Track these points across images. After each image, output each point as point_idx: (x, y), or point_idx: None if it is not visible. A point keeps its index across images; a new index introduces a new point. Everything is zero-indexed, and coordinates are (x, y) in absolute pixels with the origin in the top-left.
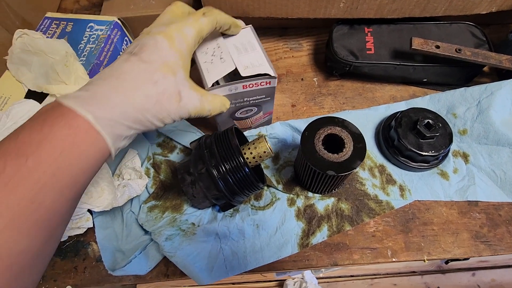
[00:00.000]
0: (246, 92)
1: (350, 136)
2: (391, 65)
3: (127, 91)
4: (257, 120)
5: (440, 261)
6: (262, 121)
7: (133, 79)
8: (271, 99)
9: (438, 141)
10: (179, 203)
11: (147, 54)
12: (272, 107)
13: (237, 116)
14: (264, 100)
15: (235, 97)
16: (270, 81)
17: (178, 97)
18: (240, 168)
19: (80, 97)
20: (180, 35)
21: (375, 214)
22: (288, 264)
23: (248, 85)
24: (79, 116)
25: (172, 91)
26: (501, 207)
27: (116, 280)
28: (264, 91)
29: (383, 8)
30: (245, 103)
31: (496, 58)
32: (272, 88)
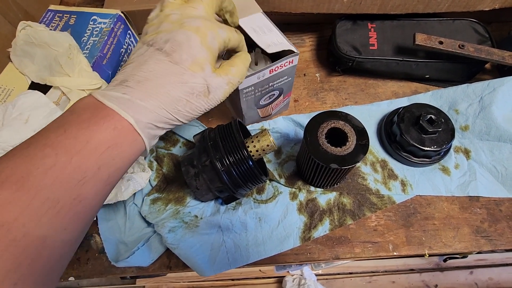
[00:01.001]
0: (272, 77)
1: (353, 130)
2: (394, 60)
3: (160, 96)
4: (277, 105)
5: (438, 259)
6: (281, 106)
7: (165, 83)
8: (292, 78)
9: (440, 136)
10: (182, 195)
11: (178, 55)
12: (291, 87)
13: (262, 103)
14: (287, 81)
15: (261, 84)
16: (292, 59)
17: (207, 92)
18: (244, 161)
19: (121, 99)
20: (212, 33)
21: (377, 209)
22: (290, 257)
23: (274, 69)
24: (123, 119)
25: (201, 88)
26: (502, 202)
27: (119, 272)
28: (287, 71)
29: (386, 3)
30: (269, 88)
31: (499, 55)
32: (294, 66)
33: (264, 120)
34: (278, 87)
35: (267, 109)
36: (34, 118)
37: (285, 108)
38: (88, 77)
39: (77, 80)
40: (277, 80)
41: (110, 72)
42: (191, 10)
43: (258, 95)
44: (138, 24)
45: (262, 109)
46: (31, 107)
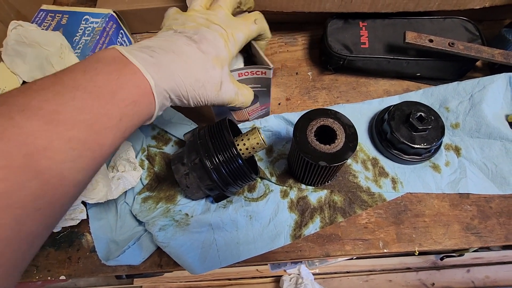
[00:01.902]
0: (243, 80)
1: (343, 127)
2: (385, 59)
3: (183, 70)
4: (254, 111)
5: (435, 257)
6: (259, 113)
7: (190, 62)
8: (267, 91)
9: (430, 134)
10: (172, 194)
11: (205, 46)
12: (269, 100)
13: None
14: (260, 90)
15: None
16: (265, 71)
17: (219, 87)
18: (233, 159)
19: (147, 60)
20: (233, 39)
21: (368, 206)
22: (281, 255)
23: (244, 73)
24: (145, 79)
25: (217, 81)
26: (492, 199)
27: (110, 271)
28: (260, 80)
29: (377, 2)
30: None
31: (489, 52)
32: (268, 79)
33: (240, 122)
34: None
35: (243, 113)
36: None
37: (266, 115)
38: None
39: None
40: (249, 85)
41: None
42: (214, 17)
43: None
44: (131, 24)
45: (237, 113)
46: None
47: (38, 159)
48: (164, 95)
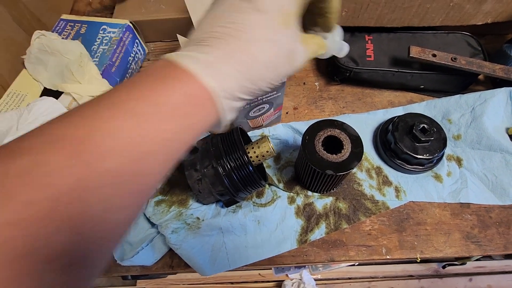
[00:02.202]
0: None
1: (349, 138)
2: (390, 71)
3: (246, 59)
4: (268, 117)
5: (437, 266)
6: (272, 118)
7: (251, 40)
8: (281, 94)
9: (432, 145)
10: (185, 198)
11: (261, 1)
12: (282, 102)
13: (251, 115)
14: (277, 96)
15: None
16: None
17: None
18: (244, 166)
19: (199, 60)
20: None
21: (371, 214)
22: (287, 259)
23: None
24: (198, 84)
25: (286, 51)
26: (492, 209)
27: (124, 270)
28: (278, 87)
29: (383, 17)
30: (258, 101)
31: (490, 67)
32: (283, 83)
33: (254, 129)
34: (268, 101)
35: (258, 120)
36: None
37: (277, 120)
38: (97, 84)
39: (87, 87)
40: (266, 95)
41: (119, 79)
42: None
43: (247, 107)
44: (145, 33)
45: (252, 120)
46: (45, 113)
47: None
48: (229, 97)
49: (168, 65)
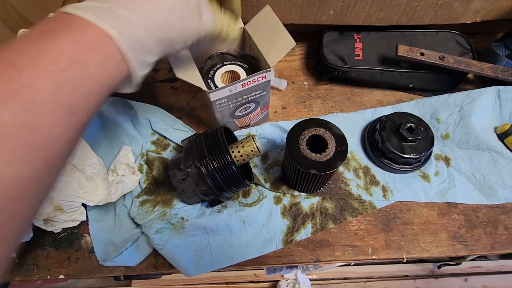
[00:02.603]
0: (245, 90)
1: (333, 137)
2: (378, 70)
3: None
4: (255, 116)
5: (432, 266)
6: (260, 117)
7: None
8: (267, 93)
9: (420, 144)
10: (169, 198)
11: None
12: (268, 100)
13: (237, 114)
14: (261, 95)
15: (235, 96)
16: (265, 75)
17: (199, 13)
18: (227, 166)
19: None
20: None
21: (358, 213)
22: (273, 259)
23: (246, 83)
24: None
25: (194, 5)
26: (479, 209)
27: (107, 271)
28: (261, 86)
29: (371, 16)
30: (244, 100)
31: (478, 66)
32: (268, 82)
33: (242, 129)
34: (254, 100)
35: (245, 119)
36: None
37: (265, 119)
38: None
39: None
40: (251, 94)
41: None
42: None
43: (233, 106)
44: None
45: (239, 120)
46: None
47: None
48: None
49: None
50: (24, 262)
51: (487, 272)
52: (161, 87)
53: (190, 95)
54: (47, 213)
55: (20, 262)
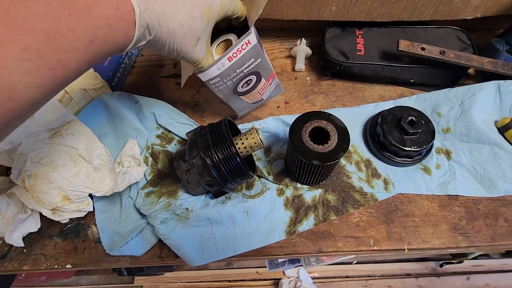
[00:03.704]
0: (235, 64)
1: (336, 129)
2: (380, 65)
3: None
4: (264, 89)
5: (434, 264)
6: (271, 89)
7: (181, 2)
8: (263, 60)
9: (421, 137)
10: (174, 189)
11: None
12: (270, 69)
13: (240, 90)
14: (257, 64)
15: (228, 73)
16: (248, 40)
17: (196, 42)
18: (231, 157)
19: None
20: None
21: (360, 205)
22: (276, 249)
23: (232, 55)
24: (129, 3)
25: (197, 34)
26: (479, 201)
27: (113, 261)
28: (250, 54)
29: (373, 11)
30: (240, 74)
31: (478, 61)
32: (255, 46)
33: (256, 105)
34: (252, 72)
35: (254, 95)
36: (39, 114)
37: (278, 90)
38: (89, 77)
39: (79, 80)
40: (244, 66)
41: (111, 73)
42: None
43: (231, 84)
44: None
45: (247, 96)
46: None
47: None
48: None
49: None
50: (32, 252)
51: (489, 270)
52: (165, 83)
53: (194, 90)
54: (55, 203)
55: (28, 252)
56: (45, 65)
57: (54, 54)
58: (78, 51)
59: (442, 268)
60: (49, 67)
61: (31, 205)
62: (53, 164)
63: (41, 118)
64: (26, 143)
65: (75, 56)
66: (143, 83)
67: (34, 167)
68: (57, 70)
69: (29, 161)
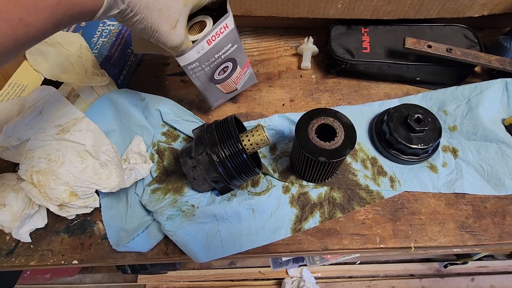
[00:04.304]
0: (214, 48)
1: (342, 126)
2: (386, 63)
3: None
4: (239, 78)
5: (438, 265)
6: (245, 79)
7: None
8: (239, 46)
9: (427, 135)
10: (180, 186)
11: None
12: (245, 56)
13: (217, 78)
14: (234, 49)
15: (206, 58)
16: (226, 23)
17: (174, 24)
18: (238, 154)
19: None
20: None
21: (366, 203)
22: (281, 247)
23: (211, 38)
24: None
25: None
26: (487, 199)
27: (119, 257)
28: (227, 38)
29: (378, 9)
30: (218, 60)
31: (486, 58)
32: (233, 31)
33: (230, 95)
34: (228, 58)
35: (229, 84)
36: (47, 110)
37: (252, 80)
38: (96, 74)
39: (86, 77)
40: (222, 51)
41: (117, 70)
42: None
43: (208, 70)
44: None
45: (222, 85)
46: (44, 100)
47: None
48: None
49: None
50: (39, 248)
51: (494, 272)
52: (171, 81)
53: None
54: (62, 199)
55: (35, 247)
56: (5, 22)
57: (15, 12)
58: (43, 12)
59: (446, 269)
60: (9, 24)
61: (38, 200)
62: (61, 160)
63: (49, 115)
64: (34, 139)
65: (40, 17)
66: (149, 81)
67: (41, 163)
68: (19, 29)
69: (36, 157)
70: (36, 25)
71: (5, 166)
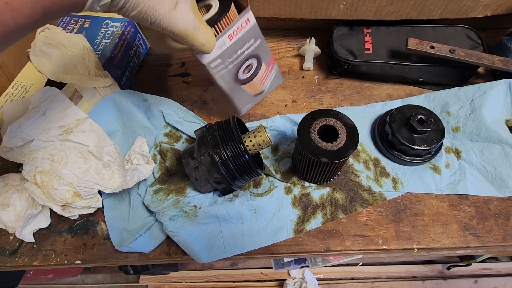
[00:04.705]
0: (236, 43)
1: (344, 127)
2: (388, 64)
3: None
4: (265, 77)
5: (441, 267)
6: (271, 77)
7: None
8: (262, 41)
9: (430, 136)
10: (182, 186)
11: None
12: (269, 53)
13: (242, 77)
14: (257, 45)
15: (228, 54)
16: (248, 18)
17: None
18: (240, 155)
19: None
20: None
21: (368, 204)
22: (283, 248)
23: (233, 33)
24: None
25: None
26: (490, 201)
27: (122, 257)
28: (250, 33)
29: (381, 10)
30: (241, 56)
31: (489, 59)
32: (255, 26)
33: (258, 98)
34: (252, 54)
35: (255, 84)
36: (50, 111)
37: (279, 80)
38: (99, 75)
39: (89, 78)
40: (245, 46)
41: (120, 71)
42: None
43: (232, 67)
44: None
45: (249, 85)
46: (48, 101)
47: None
48: None
49: None
50: (42, 248)
51: (497, 274)
52: (173, 82)
53: (201, 89)
54: (66, 199)
55: (38, 247)
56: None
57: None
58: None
59: (449, 271)
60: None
61: (42, 201)
62: (64, 161)
63: (52, 116)
64: (37, 140)
65: (27, 2)
66: (151, 82)
67: (45, 163)
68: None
69: (40, 158)
70: (24, 11)
71: (9, 166)
